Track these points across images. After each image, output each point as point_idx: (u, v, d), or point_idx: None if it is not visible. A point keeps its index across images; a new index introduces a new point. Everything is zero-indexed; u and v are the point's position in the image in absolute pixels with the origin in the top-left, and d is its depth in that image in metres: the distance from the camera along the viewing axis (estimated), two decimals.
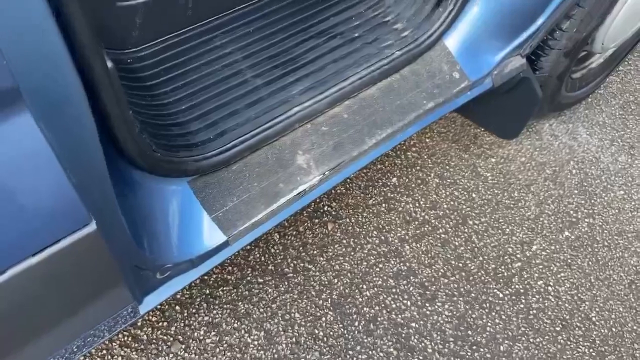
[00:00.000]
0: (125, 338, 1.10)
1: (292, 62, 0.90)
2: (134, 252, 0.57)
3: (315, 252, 1.26)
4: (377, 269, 1.25)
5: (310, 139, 0.86)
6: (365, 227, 1.31)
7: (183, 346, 1.09)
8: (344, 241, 1.29)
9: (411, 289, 1.22)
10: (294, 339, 1.13)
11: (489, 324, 1.17)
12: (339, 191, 1.38)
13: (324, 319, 1.16)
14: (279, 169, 0.82)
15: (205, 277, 1.20)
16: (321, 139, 0.87)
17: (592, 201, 1.37)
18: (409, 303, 1.18)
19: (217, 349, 1.10)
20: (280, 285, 1.21)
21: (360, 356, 1.11)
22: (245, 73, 0.87)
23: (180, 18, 0.89)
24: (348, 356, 1.10)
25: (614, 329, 1.18)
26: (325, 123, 0.88)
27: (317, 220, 1.31)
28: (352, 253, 1.27)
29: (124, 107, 0.56)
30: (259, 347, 1.11)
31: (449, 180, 1.40)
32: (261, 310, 1.15)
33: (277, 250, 1.26)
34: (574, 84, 1.40)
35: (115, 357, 1.07)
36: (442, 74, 0.98)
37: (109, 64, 0.53)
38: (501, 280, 1.25)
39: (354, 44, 0.94)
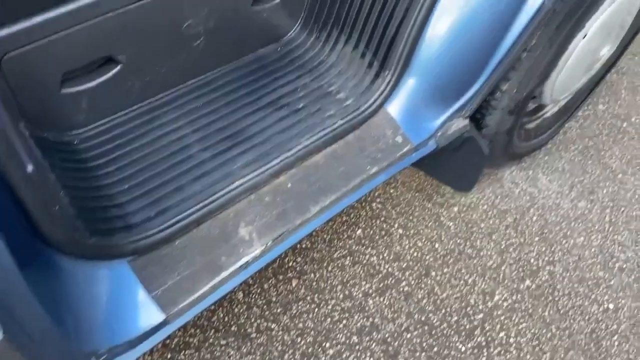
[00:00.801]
0: None
1: (239, 134, 0.94)
2: (58, 348, 0.59)
3: (279, 310, 1.27)
4: (341, 326, 1.26)
5: (254, 209, 0.89)
6: (329, 282, 1.33)
7: None
8: (308, 297, 1.30)
9: (374, 345, 1.23)
10: None
11: None
12: (304, 245, 1.40)
13: None
14: (222, 242, 0.85)
15: (168, 341, 1.21)
16: (265, 209, 0.90)
17: (553, 248, 1.39)
18: None
19: None
20: (243, 347, 1.21)
21: None
22: (193, 147, 0.91)
23: (128, 98, 0.93)
24: None
25: None
26: (270, 193, 0.91)
27: (281, 277, 1.33)
28: (316, 310, 1.28)
29: (50, 205, 0.59)
30: None
31: (412, 231, 1.42)
32: None
33: (241, 310, 1.27)
34: (529, 133, 1.44)
35: None
36: (386, 139, 1.02)
37: (29, 168, 0.56)
38: (463, 333, 1.25)
39: (299, 115, 0.98)
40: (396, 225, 1.44)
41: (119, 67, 0.88)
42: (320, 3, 1.07)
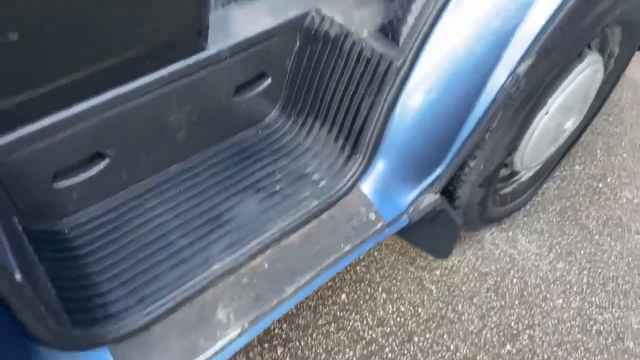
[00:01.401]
0: None
1: (218, 219, 1.00)
2: None
3: None
4: None
5: (231, 292, 0.94)
6: (314, 349, 1.36)
7: None
8: None
9: None
10: None
11: None
12: (290, 312, 1.43)
13: None
14: (199, 325, 0.89)
15: None
16: (242, 291, 0.94)
17: (532, 311, 1.42)
18: None
19: None
20: None
21: None
22: (172, 233, 0.97)
23: (115, 186, 1.00)
24: None
25: None
26: (247, 275, 0.96)
27: (267, 345, 1.36)
28: None
29: (36, 306, 0.64)
30: None
31: (395, 295, 1.46)
32: None
33: None
34: (505, 198, 1.50)
35: None
36: (359, 216, 1.08)
37: (18, 276, 0.62)
38: None
39: (275, 197, 1.05)
40: (380, 289, 1.48)
41: (106, 161, 0.95)
42: (296, 91, 1.15)
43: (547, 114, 1.26)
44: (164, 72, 0.93)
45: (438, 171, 1.13)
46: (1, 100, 0.75)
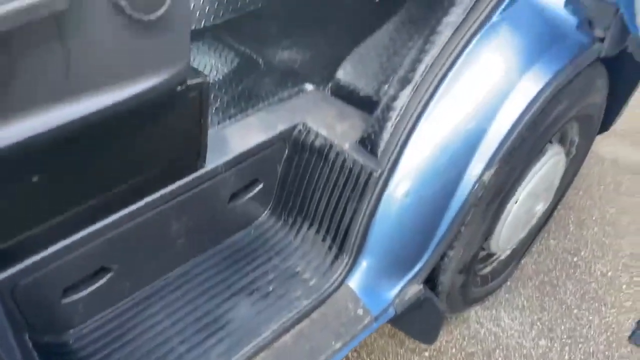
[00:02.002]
0: None
1: (214, 323, 1.07)
2: None
3: None
4: None
5: None
6: None
7: None
8: None
9: None
10: None
11: None
12: None
13: None
14: None
15: None
16: None
17: None
18: None
19: None
20: None
21: None
22: (173, 340, 1.03)
23: (117, 295, 1.06)
24: None
25: None
26: None
27: None
28: None
29: None
30: None
31: None
32: None
33: None
34: (485, 278, 1.58)
35: None
36: (348, 312, 1.15)
37: None
38: None
39: (269, 299, 1.12)
40: None
41: (111, 274, 1.02)
42: (286, 194, 1.25)
43: (516, 202, 1.37)
44: (165, 190, 1.02)
45: (420, 264, 1.21)
46: (16, 234, 0.83)
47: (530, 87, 1.08)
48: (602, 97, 1.45)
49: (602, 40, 1.12)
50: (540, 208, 1.53)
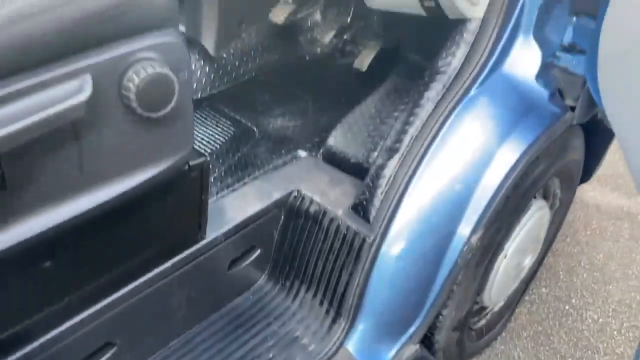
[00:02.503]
0: None
1: None
2: None
3: None
4: None
5: None
6: None
7: None
8: None
9: None
10: None
11: None
12: None
13: None
14: None
15: None
16: None
17: None
18: None
19: None
20: None
21: None
22: None
23: None
24: None
25: None
26: None
27: None
28: None
29: None
30: None
31: None
32: None
33: None
34: (480, 332, 1.61)
35: None
36: None
37: None
38: None
39: None
40: None
41: (114, 349, 1.05)
42: (283, 259, 1.29)
43: (505, 257, 1.43)
44: (167, 264, 1.06)
45: (415, 325, 1.25)
46: (20, 321, 0.86)
47: (509, 154, 1.15)
48: (580, 154, 1.53)
49: (573, 109, 1.21)
50: (528, 261, 1.58)
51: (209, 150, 1.40)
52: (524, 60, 1.17)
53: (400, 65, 1.47)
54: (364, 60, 1.54)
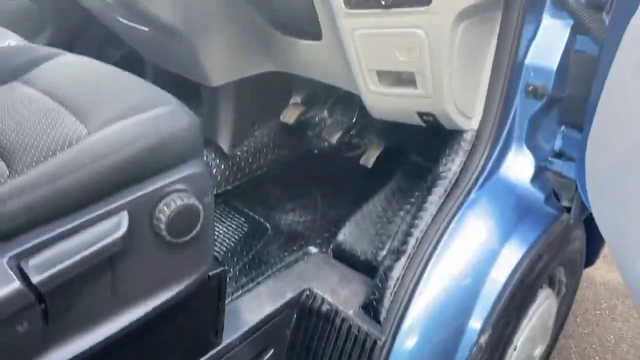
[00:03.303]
0: None
1: None
2: None
3: None
4: None
5: None
6: None
7: None
8: None
9: None
10: None
11: None
12: None
13: None
14: None
15: None
16: None
17: None
18: None
19: None
20: None
21: None
22: None
23: None
24: None
25: None
26: None
27: None
28: None
29: None
30: None
31: None
32: None
33: None
34: None
35: None
36: None
37: None
38: None
39: None
40: None
41: None
42: (295, 358, 1.32)
43: (515, 349, 1.44)
44: None
45: None
46: None
47: (511, 255, 1.21)
48: (582, 243, 1.58)
49: (569, 209, 1.28)
50: (539, 351, 1.58)
51: (224, 249, 1.47)
52: (519, 165, 1.26)
53: (404, 165, 1.56)
54: (369, 158, 1.63)
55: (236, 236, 1.53)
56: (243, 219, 1.60)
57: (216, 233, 1.54)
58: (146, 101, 0.94)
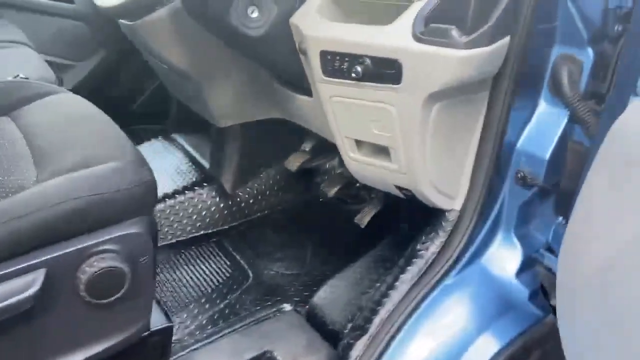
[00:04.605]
0: None
1: None
2: None
3: None
4: None
5: None
6: None
7: None
8: None
9: None
10: None
11: None
12: None
13: None
14: None
15: None
16: None
17: None
18: None
19: None
20: None
21: None
22: None
23: None
24: None
25: None
26: None
27: None
28: None
29: None
30: None
31: None
32: None
33: None
34: None
35: None
36: None
37: None
38: None
39: None
40: None
41: None
42: None
43: None
44: None
45: None
46: None
47: (481, 352, 1.10)
48: None
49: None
50: None
51: (198, 293, 1.46)
52: (505, 255, 1.15)
53: (394, 231, 1.48)
54: (364, 217, 1.56)
55: (215, 280, 1.51)
56: (228, 263, 1.58)
57: (196, 274, 1.53)
58: (101, 155, 0.95)
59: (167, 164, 1.91)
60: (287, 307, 1.42)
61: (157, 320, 1.05)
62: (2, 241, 0.78)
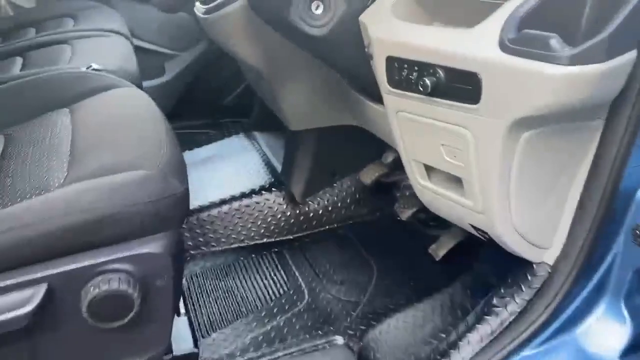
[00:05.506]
0: None
1: None
2: None
3: None
4: None
5: None
6: None
7: None
8: None
9: None
10: None
11: None
12: None
13: None
14: None
15: None
16: None
17: None
18: None
19: None
20: None
21: None
22: None
23: None
24: None
25: None
26: None
27: None
28: None
29: None
30: None
31: None
32: None
33: None
34: None
35: None
36: None
37: None
38: None
39: None
40: None
41: None
42: None
43: None
44: None
45: None
46: None
47: None
48: None
49: None
50: None
51: (248, 308, 1.36)
52: (607, 330, 0.87)
53: (470, 274, 1.24)
54: (440, 249, 1.34)
55: (268, 296, 1.40)
56: (285, 278, 1.46)
57: (250, 285, 1.43)
58: (132, 160, 0.87)
59: (240, 163, 1.84)
60: (339, 340, 1.26)
61: (181, 345, 0.96)
62: (4, 250, 0.73)
